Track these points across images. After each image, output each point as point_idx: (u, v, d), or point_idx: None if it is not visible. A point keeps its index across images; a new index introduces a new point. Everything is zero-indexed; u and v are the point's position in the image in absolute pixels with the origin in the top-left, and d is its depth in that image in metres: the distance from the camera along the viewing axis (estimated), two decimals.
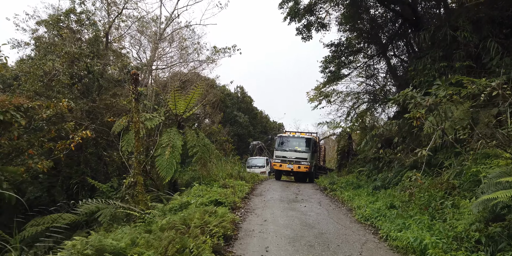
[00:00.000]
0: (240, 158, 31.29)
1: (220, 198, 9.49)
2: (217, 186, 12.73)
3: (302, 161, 17.93)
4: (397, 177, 11.89)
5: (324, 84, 17.42)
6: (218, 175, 15.46)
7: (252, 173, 20.49)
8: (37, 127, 8.54)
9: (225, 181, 13.69)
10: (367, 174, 15.41)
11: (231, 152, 26.62)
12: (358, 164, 19.36)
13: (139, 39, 19.47)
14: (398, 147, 11.93)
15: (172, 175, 12.34)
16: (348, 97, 18.09)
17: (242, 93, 37.44)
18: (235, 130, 32.17)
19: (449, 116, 7.82)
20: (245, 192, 12.42)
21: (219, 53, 17.41)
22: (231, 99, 34.18)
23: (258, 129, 37.06)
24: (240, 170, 17.87)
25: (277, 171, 18.92)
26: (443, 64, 10.59)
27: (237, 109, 34.40)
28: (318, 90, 18.23)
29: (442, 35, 10.82)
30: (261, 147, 30.65)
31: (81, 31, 16.27)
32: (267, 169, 27.52)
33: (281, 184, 18.05)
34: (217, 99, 23.03)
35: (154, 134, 14.89)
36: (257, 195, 12.74)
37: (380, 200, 10.01)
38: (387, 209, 8.56)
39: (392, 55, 16.96)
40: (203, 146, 13.77)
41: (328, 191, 14.20)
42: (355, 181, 14.71)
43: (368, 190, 12.58)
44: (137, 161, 7.65)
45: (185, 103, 13.80)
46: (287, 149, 18.32)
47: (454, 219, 6.42)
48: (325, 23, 14.30)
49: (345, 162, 20.63)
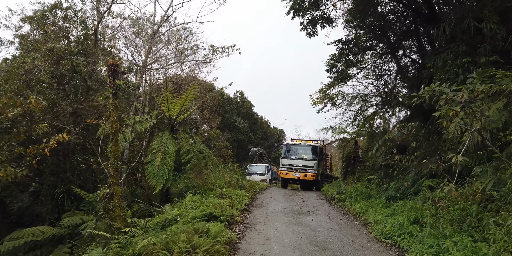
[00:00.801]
0: (240, 165, 30.01)
1: (216, 211, 8.22)
2: (213, 196, 11.47)
3: (309, 169, 17.58)
4: (414, 186, 10.63)
5: (329, 86, 16.26)
6: (215, 184, 14.20)
7: (252, 181, 19.21)
8: (2, 128, 7.33)
9: (223, 191, 12.42)
10: (377, 182, 14.14)
11: (230, 159, 25.37)
12: (366, 171, 18.10)
13: (134, 41, 18.39)
14: (415, 152, 10.71)
15: (163, 184, 11.11)
16: (354, 100, 16.96)
17: (242, 98, 36.33)
18: (234, 136, 30.95)
19: (485, 115, 6.61)
20: (244, 203, 11.14)
21: (216, 52, 16.30)
22: (230, 104, 33.04)
23: (258, 135, 35.84)
24: (239, 178, 16.60)
25: (283, 179, 18.60)
26: (467, 59, 9.43)
27: (236, 114, 33.25)
28: (323, 92, 17.07)
29: (464, 27, 9.69)
30: (262, 154, 29.36)
31: (69, 29, 15.16)
32: (267, 176, 26.22)
33: (283, 193, 16.75)
34: (215, 103, 21.87)
35: (146, 139, 13.69)
36: (257, 207, 11.46)
37: (398, 213, 8.74)
38: (411, 225, 7.29)
39: (402, 54, 15.83)
40: (198, 152, 12.53)
41: (335, 201, 12.91)
42: (364, 191, 13.43)
43: (381, 201, 11.31)
44: (114, 169, 6.39)
45: (179, 105, 12.61)
46: (293, 157, 18.06)
47: (503, 241, 5.17)
48: (331, 19, 13.21)
49: (351, 170, 19.35)
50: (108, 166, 6.47)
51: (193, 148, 12.48)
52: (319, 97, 17.36)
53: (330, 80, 16.24)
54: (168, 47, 17.60)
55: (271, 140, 38.51)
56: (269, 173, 26.73)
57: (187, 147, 12.31)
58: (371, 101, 16.61)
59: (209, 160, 13.00)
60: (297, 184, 19.00)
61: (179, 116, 13.16)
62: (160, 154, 11.60)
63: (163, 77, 17.34)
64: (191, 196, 10.95)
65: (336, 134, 20.08)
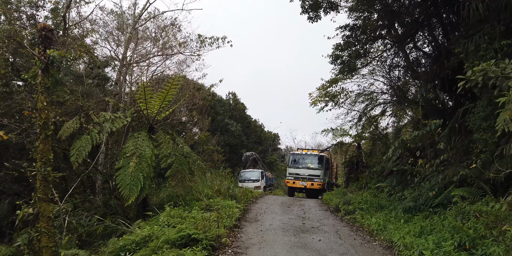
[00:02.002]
0: (232, 171, 28.05)
1: (196, 233, 6.32)
2: (198, 208, 9.57)
3: (315, 178, 17.89)
4: (440, 196, 8.83)
5: (331, 82, 14.48)
6: (202, 193, 12.29)
7: (245, 188, 17.31)
8: None
9: (210, 201, 10.52)
10: (388, 190, 12.35)
11: (221, 164, 23.44)
12: (371, 177, 16.31)
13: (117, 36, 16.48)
14: (440, 156, 8.96)
15: (138, 194, 9.19)
16: (359, 98, 15.21)
17: (235, 100, 34.49)
18: (226, 139, 29.02)
19: None
20: (235, 217, 9.24)
21: (205, 44, 14.48)
22: (222, 105, 31.15)
23: (251, 139, 33.95)
24: (230, 186, 14.69)
25: (290, 188, 18.80)
26: (507, 42, 7.74)
27: (229, 117, 31.37)
28: (324, 89, 15.32)
29: (502, 4, 8.00)
30: (255, 159, 27.46)
31: (36, 15, 13.24)
32: (262, 183, 24.29)
33: (280, 202, 14.86)
34: (205, 103, 19.97)
35: (122, 141, 11.78)
36: (251, 221, 9.56)
37: (429, 231, 6.92)
38: (457, 252, 5.44)
39: (412, 47, 14.17)
40: (181, 156, 10.62)
41: (342, 213, 11.06)
42: (375, 201, 11.62)
43: (398, 214, 9.53)
44: (42, 177, 4.45)
45: (159, 101, 10.75)
46: (300, 167, 18.38)
47: None
48: (335, 2, 11.49)
49: (354, 176, 17.55)
50: (34, 174, 4.51)
51: (175, 151, 10.57)
52: (319, 95, 15.61)
53: (332, 77, 14.52)
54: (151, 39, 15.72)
55: (265, 145, 36.62)
56: (264, 179, 24.83)
57: (167, 150, 10.39)
58: (378, 99, 14.91)
59: (195, 166, 11.07)
60: (303, 192, 18.94)
61: (159, 114, 11.28)
62: (135, 159, 9.71)
63: (145, 74, 15.44)
64: (170, 209, 9.04)
65: (337, 137, 18.33)
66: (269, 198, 17.40)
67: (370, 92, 14.85)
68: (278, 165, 35.64)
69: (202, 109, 21.47)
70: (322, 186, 17.65)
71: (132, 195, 9.08)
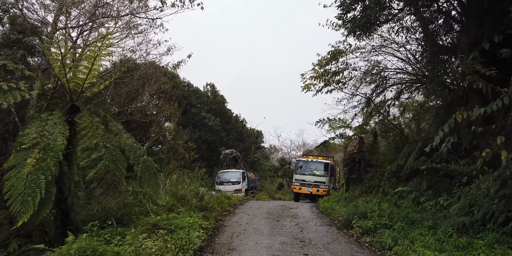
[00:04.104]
0: (210, 172, 24.35)
1: None
2: (137, 232, 5.95)
3: (321, 184, 18.54)
4: None
5: (332, 55, 10.95)
6: (157, 203, 8.69)
7: (221, 194, 13.79)
8: None
9: (159, 219, 6.90)
10: (415, 197, 9.03)
11: (196, 164, 19.76)
12: (377, 178, 13.03)
13: None
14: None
15: (35, 210, 5.62)
16: (367, 77, 11.77)
17: (213, 92, 30.73)
18: (203, 135, 25.29)
19: None
20: (195, 247, 5.65)
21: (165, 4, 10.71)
22: (199, 97, 27.39)
23: (232, 136, 30.29)
24: (199, 191, 11.08)
25: (296, 194, 19.49)
26: None
27: (206, 110, 27.66)
28: (321, 66, 11.88)
29: None
30: (236, 157, 23.83)
31: None
32: (243, 185, 20.72)
33: (266, 211, 11.37)
34: (169, 87, 16.11)
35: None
36: (221, 253, 5.97)
37: None
38: None
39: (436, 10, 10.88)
40: (115, 149, 6.92)
41: (358, 232, 7.59)
42: (397, 211, 8.28)
43: (447, 233, 6.25)
44: None
45: (86, 67, 7.07)
46: (306, 173, 19.06)
47: None
48: None
49: (357, 177, 14.23)
50: None
51: (106, 142, 6.87)
52: (315, 75, 12.18)
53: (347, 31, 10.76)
54: None
55: (247, 142, 32.99)
56: (245, 181, 21.25)
57: (93, 138, 6.69)
58: (391, 76, 11.48)
59: (139, 165, 7.35)
60: (308, 197, 19.64)
61: (89, 90, 7.62)
62: (36, 153, 6.06)
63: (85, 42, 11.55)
64: (85, 238, 5.41)
65: (335, 129, 14.96)
66: (252, 205, 13.87)
67: (381, 69, 11.46)
68: (262, 165, 32.10)
69: (172, 96, 17.71)
70: (327, 192, 18.03)
71: (26, 211, 5.49)
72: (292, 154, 46.05)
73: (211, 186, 21.55)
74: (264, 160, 35.76)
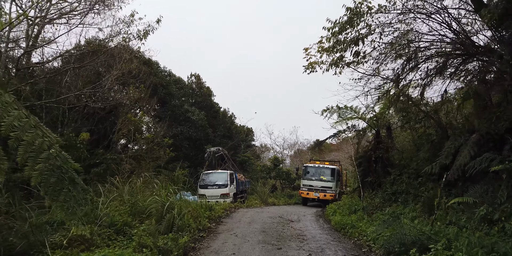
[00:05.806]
0: (192, 173, 21.10)
1: None
2: None
3: (328, 189, 18.85)
4: None
5: (350, 18, 7.93)
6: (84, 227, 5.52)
7: (205, 199, 10.66)
8: None
9: None
10: (487, 213, 6.03)
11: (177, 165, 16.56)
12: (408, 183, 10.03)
13: None
14: None
15: None
16: (391, 50, 8.75)
17: (199, 84, 27.40)
18: (186, 131, 21.99)
19: None
20: None
21: None
22: (181, 88, 24.08)
23: (219, 132, 27.03)
24: (165, 202, 7.88)
25: (304, 198, 20.19)
26: None
27: (190, 104, 24.40)
28: (334, 35, 8.87)
29: None
30: (223, 156, 20.62)
31: None
32: (231, 189, 17.54)
33: (260, 228, 8.26)
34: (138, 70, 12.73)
35: None
36: None
37: None
38: None
39: None
40: None
41: None
42: (465, 236, 5.29)
43: None
44: None
45: None
46: (313, 178, 19.45)
47: None
48: None
49: (375, 180, 11.23)
50: None
51: None
52: (325, 47, 9.17)
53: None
54: None
55: (236, 140, 29.77)
56: (234, 183, 18.08)
57: None
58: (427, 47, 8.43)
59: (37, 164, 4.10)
60: (315, 202, 19.97)
61: None
62: None
63: None
64: None
65: (346, 120, 11.96)
66: (241, 217, 10.73)
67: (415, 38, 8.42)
68: (253, 165, 28.89)
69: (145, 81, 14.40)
70: (334, 197, 18.37)
71: None
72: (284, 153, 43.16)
73: (195, 190, 18.41)
74: (255, 159, 32.58)
